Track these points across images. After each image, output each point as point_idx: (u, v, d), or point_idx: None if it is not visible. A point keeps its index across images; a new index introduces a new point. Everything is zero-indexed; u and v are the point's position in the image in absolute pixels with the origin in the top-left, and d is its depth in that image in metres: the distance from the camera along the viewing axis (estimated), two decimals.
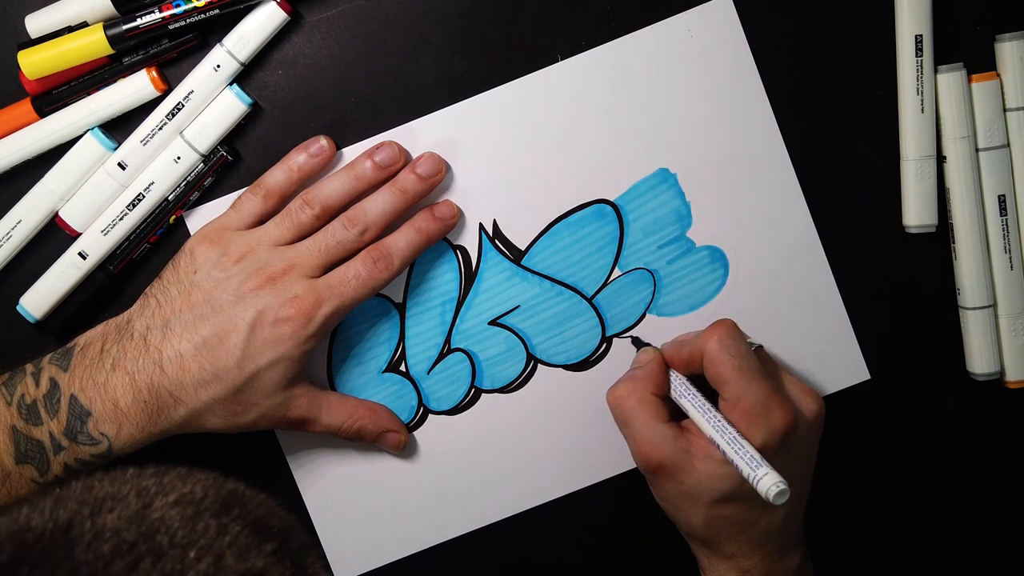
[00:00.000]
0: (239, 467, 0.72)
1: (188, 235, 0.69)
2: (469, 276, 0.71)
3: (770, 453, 0.62)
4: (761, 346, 0.68)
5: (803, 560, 0.67)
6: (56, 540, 0.39)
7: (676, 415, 0.66)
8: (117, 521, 0.40)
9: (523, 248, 0.71)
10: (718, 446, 0.63)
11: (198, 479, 0.43)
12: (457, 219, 0.70)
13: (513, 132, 0.70)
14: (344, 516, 0.73)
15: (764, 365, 0.65)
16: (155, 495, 0.42)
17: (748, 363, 0.63)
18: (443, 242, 0.70)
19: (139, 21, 0.65)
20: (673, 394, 0.67)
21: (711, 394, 0.65)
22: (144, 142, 0.67)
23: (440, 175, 0.69)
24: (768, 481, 0.59)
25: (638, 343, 0.71)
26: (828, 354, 0.72)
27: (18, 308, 0.69)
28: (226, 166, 0.69)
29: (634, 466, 0.73)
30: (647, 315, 0.72)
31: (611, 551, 0.75)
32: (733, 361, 0.63)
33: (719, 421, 0.63)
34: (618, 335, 0.72)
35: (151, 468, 0.44)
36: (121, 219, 0.68)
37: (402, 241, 0.67)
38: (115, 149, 0.68)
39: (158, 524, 0.40)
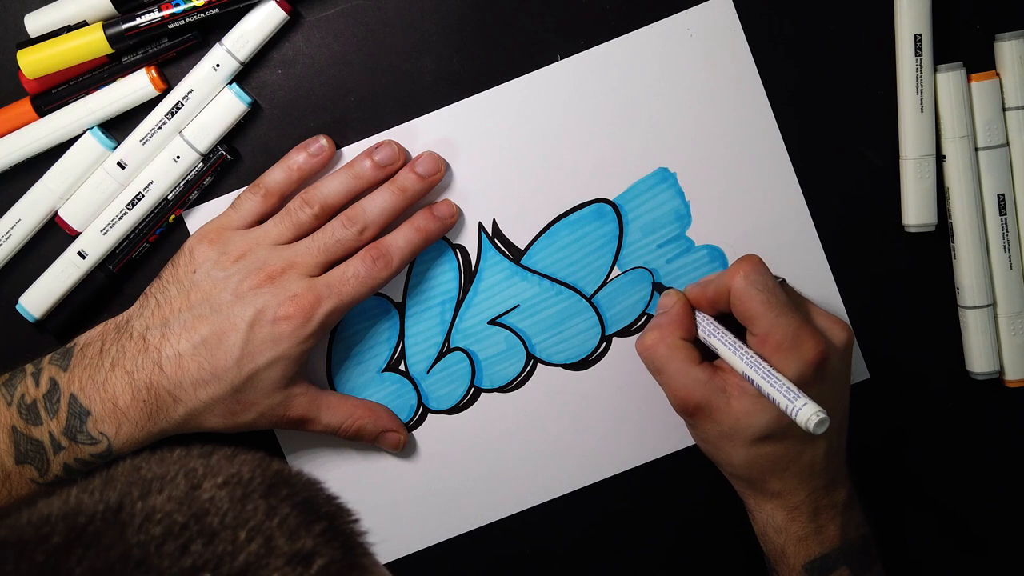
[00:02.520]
0: None
1: (187, 234, 0.69)
2: (469, 275, 0.71)
3: (805, 385, 0.61)
4: (784, 280, 0.67)
5: (850, 494, 0.67)
6: (108, 521, 0.39)
7: (707, 356, 0.66)
8: (167, 503, 0.40)
9: (523, 247, 0.71)
10: (752, 382, 0.62)
11: (244, 460, 0.43)
12: (456, 218, 0.70)
13: (512, 131, 0.70)
14: None
15: (790, 298, 0.65)
16: (203, 476, 0.42)
17: (776, 297, 0.63)
18: (442, 241, 0.70)
19: (138, 20, 0.65)
20: (701, 334, 0.66)
21: (738, 332, 0.65)
22: (143, 141, 0.67)
23: (439, 174, 0.69)
24: (808, 411, 0.58)
25: (659, 287, 0.71)
26: None
27: (17, 307, 0.69)
28: (225, 165, 0.69)
29: (634, 465, 0.73)
30: (646, 314, 0.72)
31: (611, 550, 0.75)
32: (761, 296, 0.63)
33: (751, 357, 0.62)
34: (617, 334, 0.72)
35: (196, 449, 0.44)
36: (120, 218, 0.68)
37: (401, 240, 0.67)
38: (114, 148, 0.68)
39: (208, 505, 0.40)
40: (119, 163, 0.68)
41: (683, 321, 0.66)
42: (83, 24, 0.67)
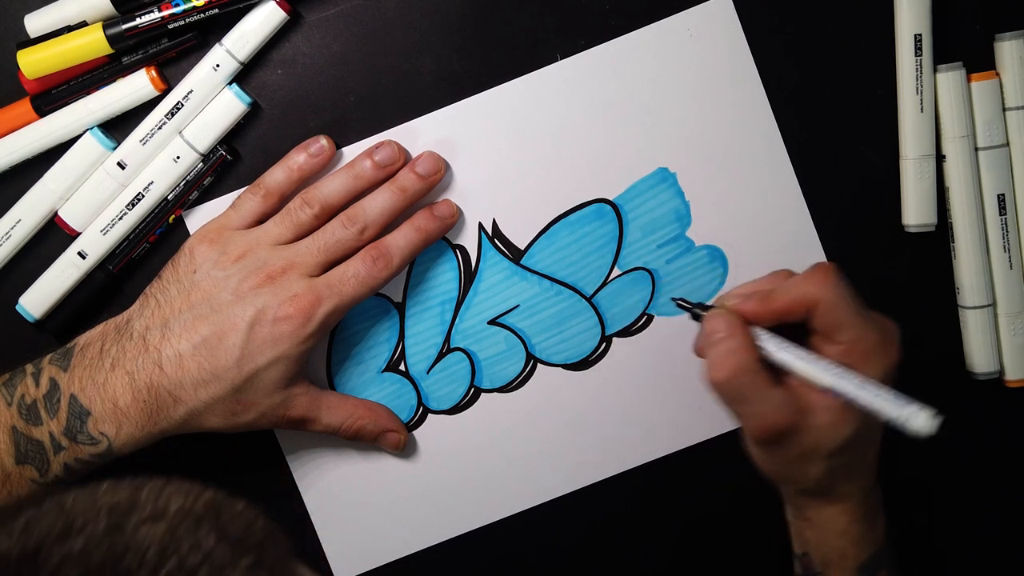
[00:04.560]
0: (239, 467, 0.72)
1: (187, 235, 0.69)
2: (469, 275, 0.71)
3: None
4: None
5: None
6: (23, 565, 0.38)
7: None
8: (86, 543, 0.39)
9: (522, 247, 0.71)
10: (845, 395, 0.60)
11: (174, 491, 0.42)
12: (456, 218, 0.70)
13: (512, 131, 0.70)
14: (344, 516, 0.73)
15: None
16: (127, 512, 0.40)
17: (861, 305, 0.62)
18: (442, 241, 0.70)
19: (138, 20, 0.65)
20: (766, 352, 0.62)
21: (797, 339, 0.63)
22: (143, 141, 0.67)
23: (439, 174, 0.69)
24: (925, 415, 0.58)
25: (698, 310, 0.65)
26: None
27: (17, 308, 0.69)
28: (225, 165, 0.69)
29: (634, 465, 0.73)
30: (646, 314, 0.72)
31: (611, 550, 0.75)
32: (851, 305, 0.62)
33: (837, 368, 0.61)
34: (617, 334, 0.72)
35: (127, 481, 0.42)
36: (120, 218, 0.68)
37: (401, 240, 0.67)
38: (114, 148, 0.68)
39: (129, 543, 0.39)
40: (119, 163, 0.68)
41: (751, 343, 0.62)
42: (83, 24, 0.67)
